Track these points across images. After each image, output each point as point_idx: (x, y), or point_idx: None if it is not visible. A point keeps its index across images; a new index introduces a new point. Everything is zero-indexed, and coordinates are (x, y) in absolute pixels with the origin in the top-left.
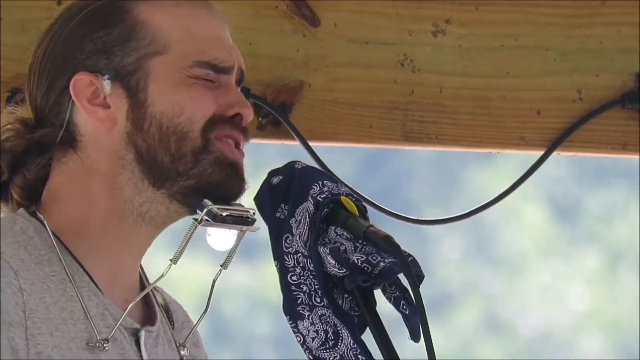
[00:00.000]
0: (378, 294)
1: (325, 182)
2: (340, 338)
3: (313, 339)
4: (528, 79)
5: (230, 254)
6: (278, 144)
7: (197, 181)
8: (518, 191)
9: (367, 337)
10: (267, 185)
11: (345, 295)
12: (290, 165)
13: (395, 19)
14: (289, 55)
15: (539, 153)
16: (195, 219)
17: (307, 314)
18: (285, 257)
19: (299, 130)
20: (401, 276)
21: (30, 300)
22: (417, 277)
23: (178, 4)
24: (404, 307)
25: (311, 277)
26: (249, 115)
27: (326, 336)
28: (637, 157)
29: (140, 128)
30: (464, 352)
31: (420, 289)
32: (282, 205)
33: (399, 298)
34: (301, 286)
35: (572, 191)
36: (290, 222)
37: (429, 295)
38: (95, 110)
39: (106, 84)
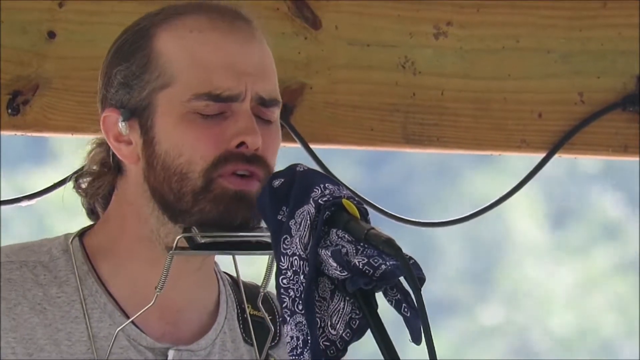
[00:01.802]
0: (379, 296)
1: (326, 184)
2: (307, 347)
3: (287, 343)
4: (529, 81)
5: (265, 277)
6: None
7: (198, 218)
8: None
9: (368, 338)
10: (268, 188)
11: (347, 298)
12: (292, 168)
13: (396, 21)
14: (290, 57)
15: (540, 155)
16: (170, 248)
17: (288, 318)
18: (281, 259)
19: (300, 132)
20: (403, 279)
21: (5, 321)
22: (418, 279)
23: (193, 29)
24: (406, 309)
25: (300, 282)
26: (253, 142)
27: (297, 343)
28: (638, 159)
29: (151, 166)
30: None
31: (421, 292)
32: (284, 208)
33: (400, 301)
34: (289, 290)
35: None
36: (290, 223)
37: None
38: (120, 148)
39: (121, 125)
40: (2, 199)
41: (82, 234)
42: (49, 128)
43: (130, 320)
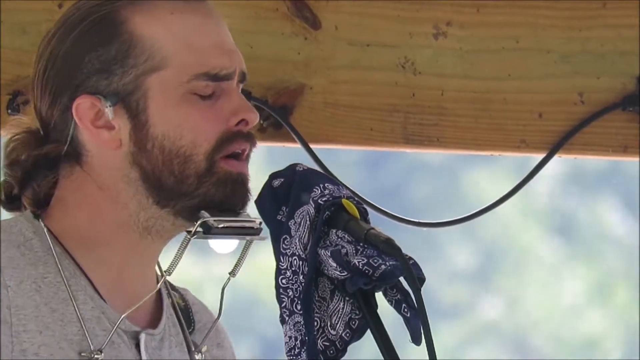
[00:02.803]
0: (379, 296)
1: (326, 184)
2: (305, 347)
3: (286, 343)
4: (529, 81)
5: (239, 262)
6: (279, 147)
7: (201, 200)
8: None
9: (368, 338)
10: (268, 187)
11: (347, 298)
12: (292, 167)
13: (396, 21)
14: (289, 58)
15: (540, 156)
16: (189, 231)
17: (287, 318)
18: (281, 259)
19: (299, 132)
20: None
21: (17, 298)
22: (418, 280)
23: (173, 11)
24: (405, 310)
25: (300, 282)
26: (253, 118)
27: (295, 343)
28: (638, 159)
29: (144, 149)
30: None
31: (421, 292)
32: (283, 208)
33: (400, 301)
34: (287, 290)
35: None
36: (289, 223)
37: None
38: (100, 133)
39: (108, 110)
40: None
41: (36, 216)
42: None
43: (134, 308)
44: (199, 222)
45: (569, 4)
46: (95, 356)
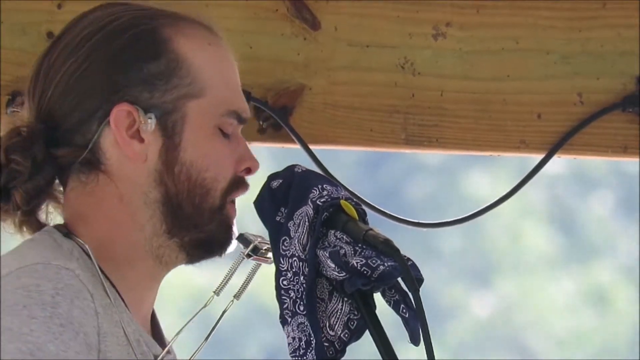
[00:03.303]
0: (378, 297)
1: (324, 185)
2: (310, 348)
3: (289, 344)
4: (529, 82)
5: (244, 284)
6: (279, 148)
7: (207, 236)
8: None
9: (367, 339)
10: (267, 188)
11: (345, 299)
12: (290, 168)
13: (395, 22)
14: (289, 59)
15: (539, 156)
16: (243, 252)
17: (289, 319)
18: (281, 260)
19: (299, 133)
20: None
21: (103, 324)
22: (416, 280)
23: (210, 43)
24: (404, 310)
25: (301, 283)
26: (256, 168)
27: (299, 344)
28: (638, 160)
29: (171, 171)
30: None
31: (420, 293)
32: (282, 209)
33: (398, 302)
34: (289, 291)
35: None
36: (289, 225)
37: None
38: (131, 143)
39: (150, 123)
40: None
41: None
42: None
43: (178, 333)
44: (252, 245)
45: (569, 5)
46: None
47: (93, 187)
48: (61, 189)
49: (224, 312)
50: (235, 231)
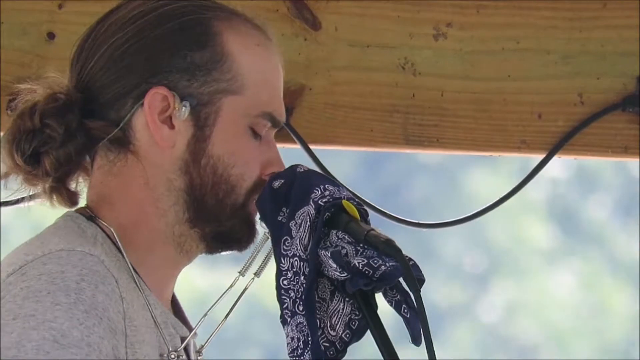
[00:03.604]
0: (379, 297)
1: (326, 186)
2: (308, 348)
3: (288, 344)
4: (529, 82)
5: (264, 262)
6: (279, 147)
7: (228, 230)
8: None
9: (368, 339)
10: (268, 188)
11: (347, 299)
12: (292, 168)
13: (396, 22)
14: (289, 59)
15: (540, 156)
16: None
17: (288, 319)
18: (282, 260)
19: (299, 133)
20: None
21: (129, 308)
22: (418, 280)
23: (259, 43)
24: (405, 310)
25: (301, 283)
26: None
27: (297, 344)
28: (638, 160)
29: (198, 162)
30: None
31: (421, 293)
32: (284, 209)
33: (400, 302)
34: (289, 291)
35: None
36: (290, 224)
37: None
38: (161, 128)
39: (184, 110)
40: (1, 201)
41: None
42: None
43: (206, 312)
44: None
45: (570, 5)
46: (172, 357)
47: (120, 167)
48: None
49: (244, 289)
50: (258, 229)
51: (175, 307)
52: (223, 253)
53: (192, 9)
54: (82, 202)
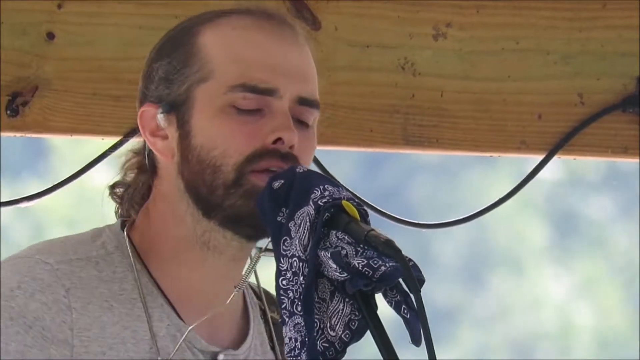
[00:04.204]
0: (379, 297)
1: (326, 186)
2: (305, 348)
3: (286, 344)
4: (529, 82)
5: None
6: None
7: (233, 212)
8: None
9: (368, 340)
10: (268, 189)
11: (347, 299)
12: (292, 169)
13: (396, 22)
14: None
15: (539, 157)
16: (259, 248)
17: (287, 319)
18: (281, 260)
19: None
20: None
21: (81, 319)
22: (418, 281)
23: (236, 27)
24: (405, 311)
25: (300, 284)
26: (289, 138)
27: (295, 344)
28: (638, 161)
29: (186, 160)
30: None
31: (421, 293)
32: (283, 209)
33: (400, 302)
34: (288, 292)
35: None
36: (290, 225)
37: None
38: (156, 142)
39: (160, 118)
40: (1, 201)
41: (124, 227)
42: (48, 129)
43: (198, 322)
44: (267, 243)
45: (569, 5)
46: None
47: (154, 190)
48: None
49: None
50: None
51: (246, 318)
52: (253, 234)
53: (184, 24)
54: None
